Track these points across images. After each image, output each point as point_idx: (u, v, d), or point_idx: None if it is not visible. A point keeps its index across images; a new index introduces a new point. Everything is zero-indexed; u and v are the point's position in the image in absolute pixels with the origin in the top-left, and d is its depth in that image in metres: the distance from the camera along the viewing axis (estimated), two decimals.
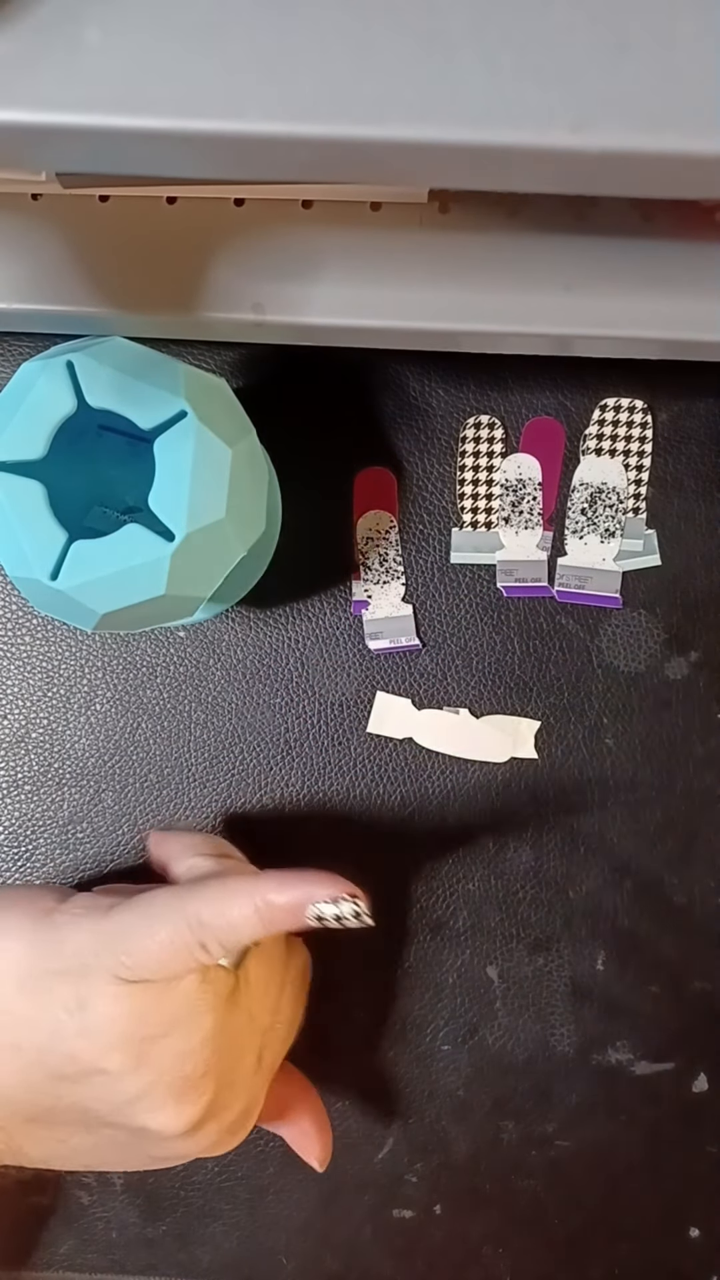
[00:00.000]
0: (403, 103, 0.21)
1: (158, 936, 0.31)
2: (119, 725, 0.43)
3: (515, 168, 0.22)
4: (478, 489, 0.42)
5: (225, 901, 0.32)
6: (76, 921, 0.33)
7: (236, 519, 0.32)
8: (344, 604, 0.43)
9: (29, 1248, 0.44)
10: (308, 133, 0.21)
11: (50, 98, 0.21)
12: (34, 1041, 0.32)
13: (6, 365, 0.43)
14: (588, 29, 0.21)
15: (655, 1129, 0.43)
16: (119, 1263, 0.44)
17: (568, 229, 0.36)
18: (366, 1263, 0.44)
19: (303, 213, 0.36)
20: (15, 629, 0.43)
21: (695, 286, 0.35)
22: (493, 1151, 0.43)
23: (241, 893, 0.32)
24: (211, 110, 0.21)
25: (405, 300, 0.36)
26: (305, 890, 0.32)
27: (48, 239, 0.36)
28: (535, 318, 0.35)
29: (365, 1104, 0.44)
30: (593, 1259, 0.44)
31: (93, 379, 0.31)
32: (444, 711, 0.43)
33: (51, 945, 0.32)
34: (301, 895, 0.31)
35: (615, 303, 0.35)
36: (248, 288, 0.36)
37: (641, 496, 0.42)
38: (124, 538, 0.31)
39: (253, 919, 0.32)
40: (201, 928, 0.31)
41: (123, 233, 0.36)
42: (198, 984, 0.32)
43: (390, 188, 0.35)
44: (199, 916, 0.32)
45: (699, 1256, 0.43)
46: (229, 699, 0.43)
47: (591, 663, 0.43)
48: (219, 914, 0.32)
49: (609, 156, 0.21)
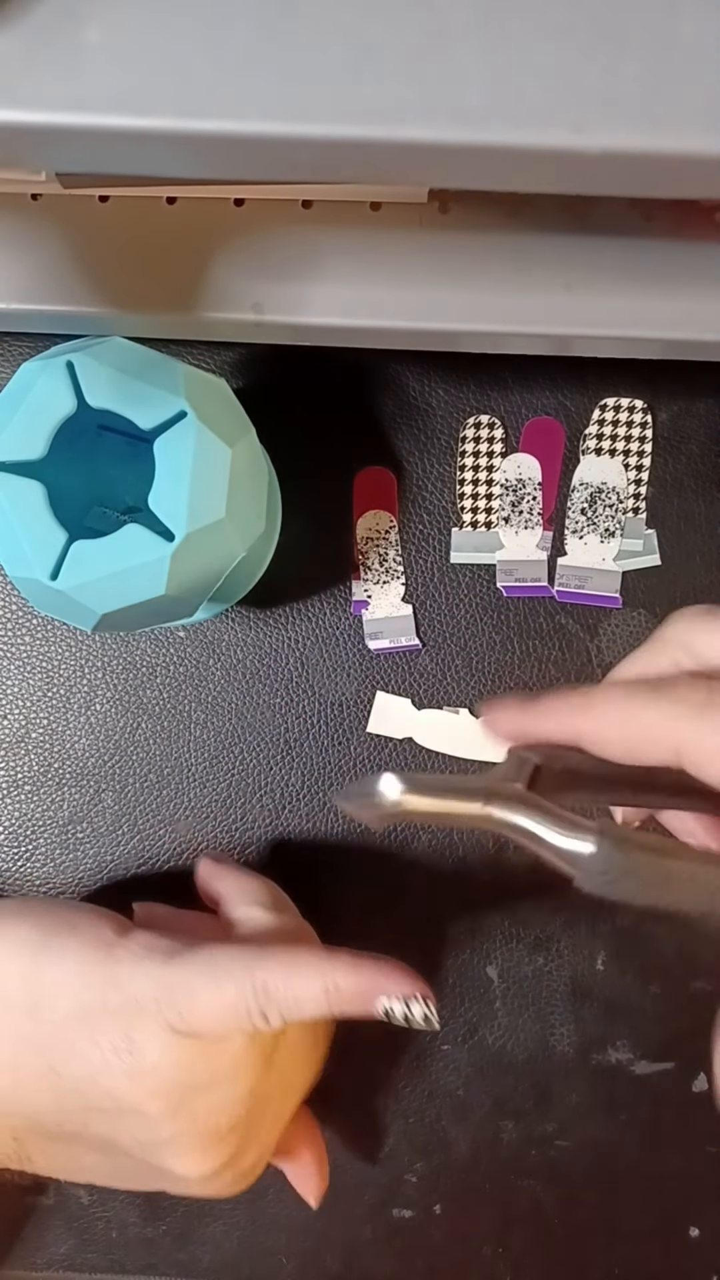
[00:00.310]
0: (403, 103, 0.21)
1: (221, 998, 0.31)
2: (119, 725, 0.43)
3: (515, 168, 0.22)
4: (478, 489, 0.42)
5: (294, 976, 0.31)
6: (137, 962, 0.32)
7: (236, 519, 0.32)
8: (344, 604, 0.43)
9: (29, 1248, 0.44)
10: (308, 133, 0.21)
11: (50, 98, 0.21)
12: (76, 1071, 0.32)
13: (6, 365, 0.43)
14: (588, 29, 0.21)
15: (655, 1129, 0.43)
16: (119, 1263, 0.44)
17: (568, 229, 0.36)
18: (366, 1263, 0.44)
19: (303, 213, 0.36)
20: (15, 629, 0.43)
21: (695, 286, 0.35)
22: (493, 1151, 0.43)
23: (312, 970, 0.31)
24: (211, 110, 0.21)
25: (405, 300, 0.36)
26: (378, 983, 0.31)
27: (48, 239, 0.36)
28: (535, 318, 0.35)
29: (365, 1104, 0.44)
30: (593, 1259, 0.44)
31: (93, 379, 0.31)
32: (444, 711, 0.43)
33: (110, 982, 0.32)
34: (373, 987, 0.31)
35: (615, 303, 0.35)
36: (248, 288, 0.36)
37: (641, 496, 0.42)
38: (124, 538, 0.31)
39: (320, 999, 0.31)
40: (266, 997, 0.31)
41: (123, 233, 0.36)
42: (245, 1045, 0.32)
43: (390, 188, 0.35)
44: (265, 986, 0.31)
45: (699, 1256, 0.43)
46: (229, 699, 0.43)
47: (591, 663, 0.43)
48: (286, 986, 0.31)
49: (609, 156, 0.21)
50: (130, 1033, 0.31)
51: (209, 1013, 0.31)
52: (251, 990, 0.31)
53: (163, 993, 0.31)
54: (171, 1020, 0.31)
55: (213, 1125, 0.32)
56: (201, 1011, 0.31)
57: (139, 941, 0.33)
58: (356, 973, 0.31)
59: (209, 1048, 0.32)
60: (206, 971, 0.31)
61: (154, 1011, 0.31)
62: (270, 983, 0.31)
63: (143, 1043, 0.31)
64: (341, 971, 0.31)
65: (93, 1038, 0.31)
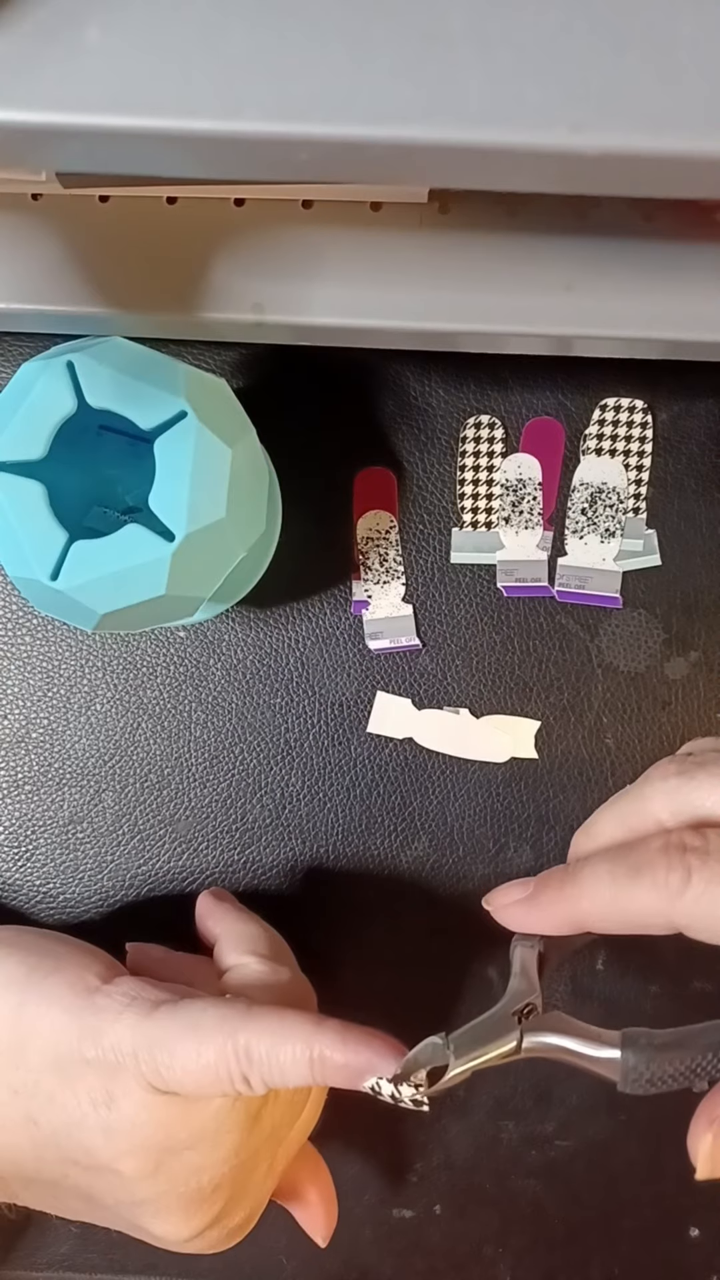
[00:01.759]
0: (403, 103, 0.21)
1: (202, 1057, 0.30)
2: (119, 725, 0.43)
3: (515, 168, 0.22)
4: (478, 489, 0.42)
5: (280, 1042, 0.30)
6: (119, 1012, 0.31)
7: (236, 519, 0.32)
8: (344, 604, 0.43)
9: (29, 1248, 0.44)
10: (308, 133, 0.21)
11: (50, 98, 0.21)
12: (54, 1122, 0.31)
13: (6, 365, 0.43)
14: (588, 29, 0.21)
15: (655, 1129, 0.43)
16: (119, 1263, 0.44)
17: (568, 229, 0.36)
18: (366, 1263, 0.44)
19: (303, 213, 0.36)
20: (15, 629, 0.43)
21: (695, 286, 0.35)
22: (493, 1151, 0.43)
23: (299, 1037, 0.30)
24: (211, 110, 0.21)
25: (405, 300, 0.36)
26: (367, 1059, 0.30)
27: (48, 239, 0.36)
28: (535, 318, 0.35)
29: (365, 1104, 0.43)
30: (593, 1259, 0.44)
31: (93, 379, 0.31)
32: (444, 711, 0.43)
33: (90, 1031, 0.31)
34: (362, 1064, 0.30)
35: (615, 303, 0.35)
36: (248, 288, 0.36)
37: (641, 496, 0.42)
38: (124, 538, 0.30)
39: (304, 1068, 0.30)
40: (249, 1062, 0.30)
41: (123, 233, 0.36)
42: (228, 1104, 0.31)
43: (390, 188, 0.35)
44: (249, 1050, 0.30)
45: (699, 1256, 0.43)
46: (229, 699, 0.43)
47: (591, 663, 0.43)
48: (271, 1053, 0.30)
49: (609, 156, 0.21)
50: (108, 1086, 0.30)
51: (188, 1073, 0.30)
52: (233, 1053, 0.30)
53: (142, 1048, 0.30)
54: (150, 1077, 0.30)
55: (194, 1187, 0.31)
56: (180, 1071, 0.30)
57: (123, 989, 0.32)
58: (344, 1046, 0.30)
59: (189, 1106, 0.30)
60: (188, 1029, 0.30)
61: (132, 1067, 0.30)
62: (254, 1047, 0.30)
63: (120, 1097, 0.30)
64: (329, 1042, 0.30)
65: (71, 1088, 0.30)
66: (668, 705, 0.42)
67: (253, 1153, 0.32)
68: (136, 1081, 0.30)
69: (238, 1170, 0.32)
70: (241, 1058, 0.30)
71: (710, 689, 0.42)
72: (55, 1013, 0.31)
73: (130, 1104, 0.30)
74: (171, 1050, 0.30)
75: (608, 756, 0.43)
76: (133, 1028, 0.30)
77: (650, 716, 0.42)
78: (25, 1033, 0.31)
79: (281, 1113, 0.34)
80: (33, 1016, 0.31)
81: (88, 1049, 0.30)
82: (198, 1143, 0.31)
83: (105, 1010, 0.31)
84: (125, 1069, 0.30)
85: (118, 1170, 0.31)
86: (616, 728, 0.42)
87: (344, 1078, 0.30)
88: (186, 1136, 0.31)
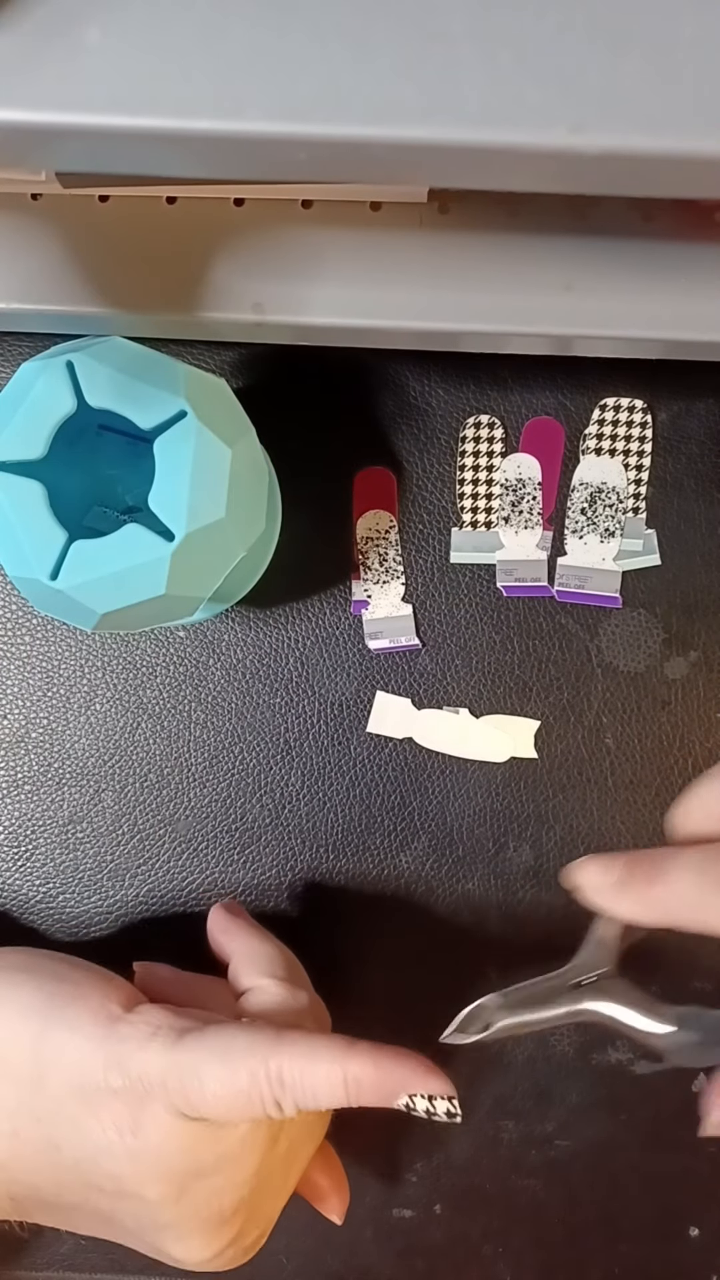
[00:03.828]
0: (403, 103, 0.21)
1: (234, 1083, 0.30)
2: (119, 725, 0.43)
3: (515, 168, 0.22)
4: (478, 489, 0.42)
5: (312, 1065, 0.30)
6: (145, 1041, 0.31)
7: (236, 519, 0.32)
8: (344, 604, 0.43)
9: (29, 1248, 0.44)
10: (308, 133, 0.21)
11: (50, 98, 0.21)
12: (77, 1149, 0.31)
13: (6, 365, 0.43)
14: (588, 29, 0.21)
15: (655, 1129, 0.43)
16: (119, 1262, 0.44)
17: (568, 229, 0.36)
18: (366, 1263, 0.44)
19: (303, 213, 0.36)
20: (15, 629, 0.43)
21: (695, 286, 0.35)
22: (493, 1151, 0.43)
23: (331, 1060, 0.30)
24: (211, 110, 0.21)
25: (405, 300, 0.36)
26: (400, 1079, 0.30)
27: (48, 239, 0.36)
28: (535, 318, 0.35)
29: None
30: (593, 1259, 0.44)
31: (93, 379, 0.31)
32: (444, 711, 0.43)
33: (115, 1060, 0.31)
34: (396, 1084, 0.30)
35: (615, 303, 0.35)
36: (248, 288, 0.36)
37: (641, 496, 0.42)
38: (124, 538, 0.31)
39: (338, 1091, 0.30)
40: (281, 1087, 0.30)
41: (123, 233, 0.36)
42: (253, 1129, 0.31)
43: (390, 188, 0.35)
44: (280, 1075, 0.30)
45: (699, 1256, 0.43)
46: (229, 699, 0.43)
47: (591, 663, 0.43)
48: (303, 1077, 0.30)
49: (609, 156, 0.21)
50: (135, 1114, 0.30)
51: (219, 1099, 0.30)
52: (265, 1079, 0.30)
53: (171, 1076, 0.30)
54: (179, 1104, 0.30)
55: (215, 1210, 0.31)
56: (211, 1098, 0.30)
57: (146, 1019, 0.32)
58: (377, 1067, 0.30)
59: (215, 1132, 0.30)
60: (218, 1056, 0.30)
61: (160, 1095, 0.30)
62: (286, 1072, 0.30)
63: (146, 1125, 0.30)
64: (361, 1064, 0.30)
65: (96, 1116, 0.30)
66: (668, 705, 0.42)
67: (270, 1173, 0.33)
68: (165, 1108, 0.30)
69: (256, 1191, 0.32)
70: (275, 1082, 0.30)
71: (710, 689, 0.42)
72: (78, 1040, 0.31)
73: (157, 1131, 0.30)
74: (202, 1077, 0.30)
75: (608, 756, 0.43)
76: (161, 1055, 0.30)
77: (650, 716, 0.42)
78: (48, 1060, 0.31)
79: (298, 1132, 0.34)
80: (56, 1045, 0.31)
81: (114, 1078, 0.30)
82: (222, 1167, 0.31)
83: (130, 1039, 0.31)
84: (153, 1096, 0.30)
85: (143, 1196, 0.31)
86: (616, 728, 0.42)
87: (378, 1098, 0.30)
88: (212, 1161, 0.31)
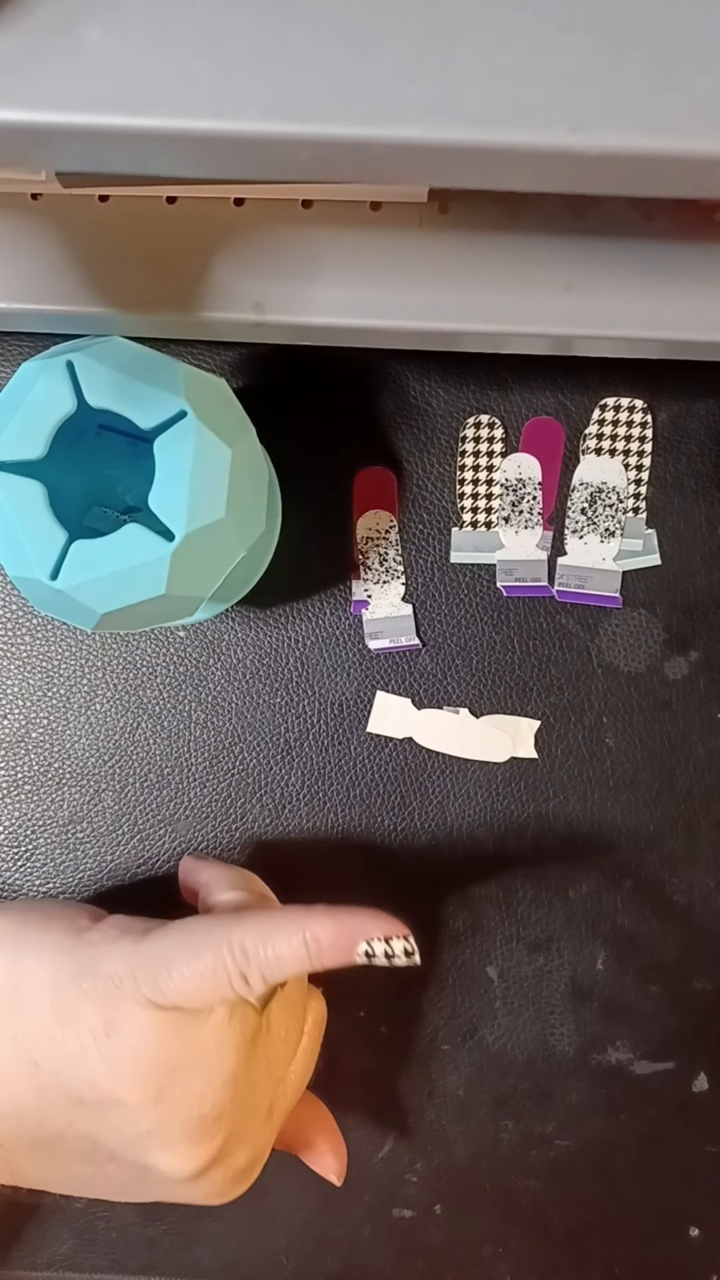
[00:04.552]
0: (403, 103, 0.21)
1: (198, 963, 0.31)
2: (119, 725, 0.43)
3: (515, 168, 0.22)
4: (478, 489, 0.42)
5: (272, 932, 0.31)
6: (113, 943, 0.32)
7: (236, 519, 0.32)
8: (344, 604, 0.43)
9: (29, 1248, 0.44)
10: (308, 133, 0.21)
11: (50, 98, 0.21)
12: (55, 1062, 0.31)
13: (6, 365, 0.43)
14: (588, 29, 0.21)
15: (655, 1129, 0.43)
16: (119, 1263, 0.44)
17: (568, 229, 0.36)
18: (366, 1263, 0.44)
19: (303, 213, 0.36)
20: (15, 629, 0.43)
21: (695, 286, 0.35)
22: (493, 1151, 0.43)
23: (289, 925, 0.31)
24: (211, 110, 0.21)
25: (405, 300, 0.36)
26: (356, 926, 0.31)
27: (48, 239, 0.36)
28: (535, 318, 0.35)
29: (365, 1104, 0.44)
30: (593, 1259, 0.44)
31: (93, 379, 0.31)
32: (444, 711, 0.43)
33: (85, 964, 0.32)
34: (352, 931, 0.31)
35: (615, 303, 0.35)
36: (248, 288, 0.36)
37: (641, 496, 0.42)
38: (124, 538, 0.31)
39: (300, 952, 0.31)
40: (245, 957, 0.31)
41: (123, 233, 0.36)
42: (225, 1020, 0.32)
43: (390, 188, 0.35)
44: (243, 945, 0.31)
45: (699, 1256, 0.43)
46: (229, 699, 0.43)
47: (591, 662, 0.43)
48: (264, 944, 0.31)
49: (609, 156, 0.21)
50: (107, 1014, 0.31)
51: (186, 980, 0.31)
52: (229, 953, 0.31)
53: (139, 968, 0.31)
54: (149, 994, 0.31)
55: (198, 1114, 0.32)
56: (179, 980, 0.31)
57: (113, 924, 0.33)
58: (334, 920, 0.31)
59: (188, 1024, 0.31)
60: (182, 941, 0.31)
61: (131, 989, 0.31)
62: (248, 943, 0.31)
63: (120, 1023, 0.31)
64: (319, 922, 0.31)
65: (71, 1024, 0.31)
66: (668, 705, 0.42)
67: (251, 1085, 0.33)
68: (136, 1001, 0.31)
69: (237, 1101, 0.32)
70: (238, 955, 0.31)
71: (710, 689, 0.42)
72: (49, 955, 0.32)
73: (131, 1027, 0.31)
74: (168, 963, 0.31)
75: (608, 756, 0.43)
76: (127, 952, 0.32)
77: (650, 716, 0.42)
78: (21, 981, 0.32)
79: (277, 1046, 0.34)
80: (29, 964, 0.32)
81: (84, 982, 0.31)
82: (198, 1062, 0.31)
83: (98, 944, 0.32)
84: (124, 991, 0.31)
85: (122, 1100, 0.31)
86: (616, 728, 0.43)
87: (338, 953, 0.31)
88: (186, 1055, 0.31)
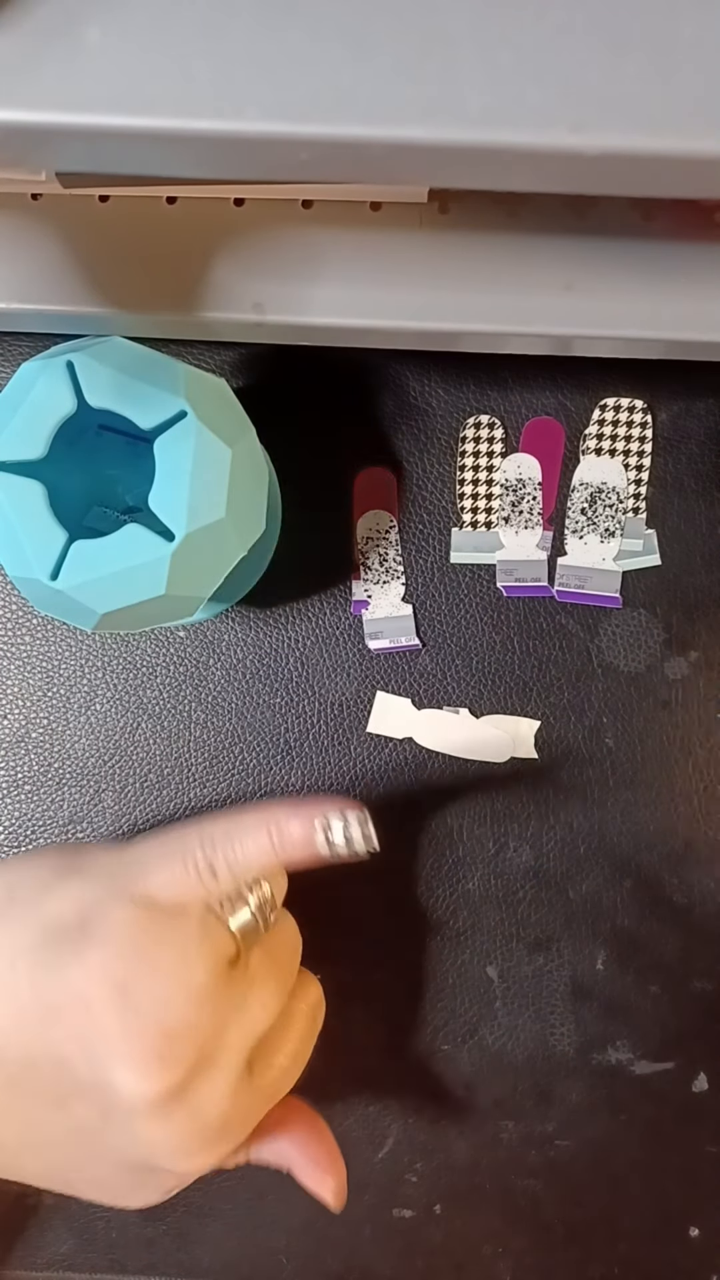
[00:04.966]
0: (403, 103, 0.21)
1: (170, 857, 0.33)
2: (119, 725, 0.43)
3: (515, 168, 0.22)
4: (478, 489, 0.42)
5: (238, 824, 0.33)
6: (95, 856, 0.34)
7: (236, 519, 0.32)
8: (344, 604, 0.43)
9: (29, 1248, 0.44)
10: (308, 133, 0.21)
11: (50, 98, 0.21)
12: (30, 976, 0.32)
13: (6, 365, 0.43)
14: (588, 29, 0.21)
15: (655, 1129, 0.43)
16: (119, 1262, 0.44)
17: (568, 229, 0.36)
18: (366, 1263, 0.44)
19: (303, 213, 0.36)
20: (15, 629, 0.43)
21: (695, 286, 0.35)
22: (493, 1151, 0.43)
23: (255, 818, 0.33)
24: (211, 110, 0.21)
25: (405, 300, 0.36)
26: (314, 808, 0.33)
27: (48, 239, 0.36)
28: (535, 318, 0.35)
29: (365, 1104, 0.44)
30: (593, 1259, 0.44)
31: (93, 379, 0.31)
32: (444, 711, 0.43)
33: (71, 865, 0.34)
34: (311, 813, 0.33)
35: (615, 303, 0.35)
36: (248, 288, 0.36)
37: (641, 496, 0.42)
38: (124, 538, 0.31)
39: (265, 844, 0.33)
40: (213, 848, 0.33)
41: (123, 233, 0.36)
42: (198, 928, 0.33)
43: (390, 188, 0.35)
44: (212, 837, 0.33)
45: (699, 1256, 0.43)
46: (229, 699, 0.43)
47: (591, 663, 0.43)
48: (231, 835, 0.33)
49: (609, 156, 0.21)
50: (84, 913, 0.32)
51: (157, 871, 0.33)
52: (198, 844, 0.33)
53: (119, 869, 0.33)
54: (126, 887, 0.32)
55: (162, 1025, 0.31)
56: (152, 872, 0.33)
57: (99, 845, 0.35)
58: (295, 807, 0.33)
59: (160, 922, 0.32)
60: (159, 842, 0.33)
61: (108, 884, 0.33)
62: (217, 835, 0.33)
63: (95, 920, 0.32)
64: (282, 810, 0.33)
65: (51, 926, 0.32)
66: (668, 705, 0.42)
67: (221, 1020, 0.33)
68: (114, 898, 0.32)
69: (204, 1028, 0.32)
70: (206, 846, 0.33)
71: (710, 689, 0.42)
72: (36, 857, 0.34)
73: (105, 924, 0.32)
74: (144, 862, 0.33)
75: (608, 756, 0.43)
76: (110, 858, 0.34)
77: (650, 716, 0.42)
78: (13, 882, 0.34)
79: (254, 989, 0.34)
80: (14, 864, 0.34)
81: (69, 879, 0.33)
82: (168, 966, 0.32)
83: (85, 849, 0.35)
84: (103, 889, 0.33)
85: (87, 999, 0.31)
86: (616, 728, 0.43)
87: (301, 841, 0.33)
88: (157, 953, 0.32)
